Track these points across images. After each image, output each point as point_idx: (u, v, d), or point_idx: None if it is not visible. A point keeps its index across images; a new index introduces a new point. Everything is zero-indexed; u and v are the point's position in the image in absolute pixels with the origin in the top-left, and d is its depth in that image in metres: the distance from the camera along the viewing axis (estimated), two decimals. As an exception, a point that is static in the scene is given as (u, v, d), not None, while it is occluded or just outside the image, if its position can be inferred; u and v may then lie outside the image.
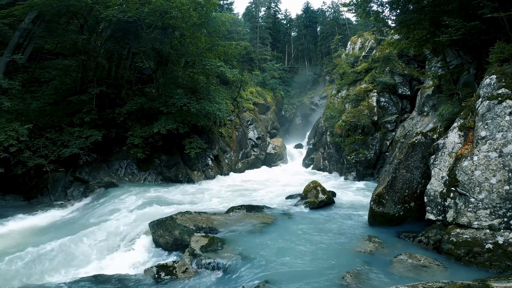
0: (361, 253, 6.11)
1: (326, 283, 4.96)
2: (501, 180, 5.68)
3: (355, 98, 18.81)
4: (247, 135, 23.25)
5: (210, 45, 17.75)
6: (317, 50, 45.14)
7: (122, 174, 14.23)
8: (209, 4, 15.75)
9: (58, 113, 13.36)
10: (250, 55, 33.43)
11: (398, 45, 12.82)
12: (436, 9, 9.54)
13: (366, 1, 11.56)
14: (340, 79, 22.79)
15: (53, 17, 13.55)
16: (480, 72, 9.15)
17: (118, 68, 16.09)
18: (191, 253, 6.25)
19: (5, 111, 11.31)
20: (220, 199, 11.81)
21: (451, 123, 7.98)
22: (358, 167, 16.51)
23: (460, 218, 6.05)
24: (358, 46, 24.87)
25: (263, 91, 30.85)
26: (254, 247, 6.52)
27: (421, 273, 5.20)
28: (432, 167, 7.01)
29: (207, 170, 16.73)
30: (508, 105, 5.97)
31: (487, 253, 5.37)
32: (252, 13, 43.35)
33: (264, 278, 5.15)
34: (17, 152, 10.74)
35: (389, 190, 7.67)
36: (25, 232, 8.26)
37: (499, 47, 7.04)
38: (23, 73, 13.91)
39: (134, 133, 14.15)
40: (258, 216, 8.75)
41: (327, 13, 48.12)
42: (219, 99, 17.27)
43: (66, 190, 12.42)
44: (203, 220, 7.98)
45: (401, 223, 7.63)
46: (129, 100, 15.12)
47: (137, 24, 14.21)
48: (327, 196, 10.39)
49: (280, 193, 12.90)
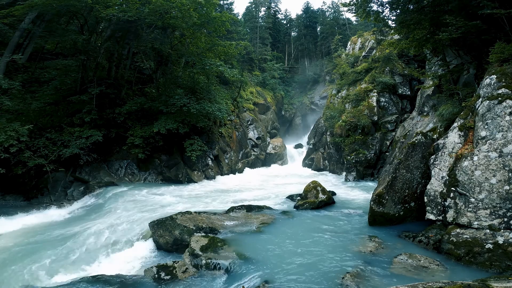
0: (361, 253, 6.11)
1: (326, 283, 4.96)
2: (501, 180, 5.68)
3: (355, 98, 18.81)
4: (247, 135, 23.25)
5: (210, 45, 17.75)
6: (317, 50, 45.16)
7: (122, 174, 14.23)
8: (209, 4, 15.77)
9: (58, 113, 13.37)
10: (250, 55, 33.45)
11: (398, 45, 12.82)
12: (436, 9, 9.54)
13: (366, 1, 11.55)
14: (340, 79, 22.80)
15: (53, 17, 13.56)
16: (480, 72, 9.15)
17: (118, 68, 16.09)
18: (191, 253, 6.24)
19: (5, 111, 11.32)
20: (220, 199, 11.80)
21: (451, 123, 7.98)
22: (358, 167, 16.51)
23: (460, 218, 6.05)
24: (358, 46, 24.87)
25: (263, 91, 30.86)
26: (254, 247, 6.51)
27: (421, 273, 5.20)
28: (432, 167, 7.01)
29: (207, 170, 16.73)
30: (508, 105, 5.97)
31: (487, 253, 5.37)
32: (252, 13, 43.38)
33: (264, 278, 5.15)
34: (17, 152, 10.75)
35: (389, 190, 7.66)
36: (24, 232, 8.26)
37: (499, 47, 7.04)
38: (23, 73, 13.93)
39: (134, 133, 14.16)
40: (258, 216, 8.75)
41: (327, 13, 48.14)
42: (219, 99, 17.28)
43: (66, 190, 12.42)
44: (203, 220, 7.97)
45: (401, 223, 7.62)
46: (129, 100, 15.13)
47: (137, 24, 14.22)
48: (327, 196, 10.39)
49: (280, 193, 12.90)
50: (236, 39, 28.13)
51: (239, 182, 16.35)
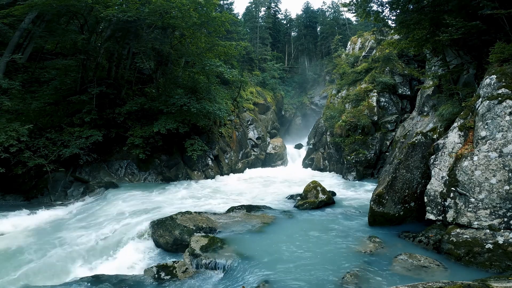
0: (361, 253, 6.11)
1: (326, 283, 4.96)
2: (501, 180, 5.68)
3: (355, 98, 18.81)
4: (247, 135, 23.25)
5: (210, 45, 17.74)
6: (317, 50, 45.17)
7: (122, 174, 14.23)
8: (209, 4, 15.76)
9: (58, 113, 13.37)
10: (250, 55, 33.45)
11: (398, 45, 12.81)
12: (436, 9, 9.54)
13: (366, 1, 11.54)
14: (340, 79, 22.80)
15: (53, 17, 13.56)
16: (480, 72, 9.15)
17: (118, 68, 16.09)
18: (191, 253, 6.24)
19: (5, 111, 11.32)
20: (220, 199, 11.81)
21: (451, 123, 7.98)
22: (358, 167, 16.51)
23: (460, 218, 6.05)
24: (358, 46, 24.87)
25: (263, 91, 30.84)
26: (254, 247, 6.51)
27: (421, 273, 5.20)
28: (432, 167, 7.01)
29: (207, 170, 16.73)
30: (508, 105, 5.97)
31: (487, 253, 5.37)
32: (252, 13, 43.38)
33: (264, 278, 5.15)
34: (17, 152, 10.75)
35: (389, 190, 7.67)
36: (24, 232, 8.25)
37: (499, 47, 7.04)
38: (23, 73, 13.92)
39: (134, 133, 14.15)
40: (258, 216, 8.75)
41: (327, 13, 48.14)
42: (219, 99, 17.27)
43: (66, 190, 12.42)
44: (203, 220, 7.98)
45: (401, 223, 7.63)
46: (129, 100, 15.12)
47: (137, 24, 14.21)
48: (327, 196, 10.39)
49: (280, 193, 12.90)
50: (236, 39, 28.14)
51: (239, 182, 16.35)
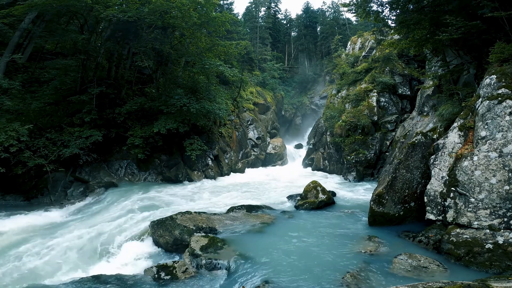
0: (361, 253, 6.11)
1: (326, 283, 4.96)
2: (501, 180, 5.68)
3: (355, 98, 18.81)
4: (247, 135, 23.25)
5: (210, 45, 17.75)
6: (317, 50, 45.18)
7: (122, 174, 14.23)
8: (209, 4, 15.76)
9: (58, 113, 13.36)
10: (250, 55, 33.44)
11: (398, 45, 12.82)
12: (436, 9, 9.54)
13: (366, 1, 11.55)
14: (340, 79, 22.80)
15: (53, 17, 13.56)
16: (480, 72, 9.15)
17: (118, 68, 16.08)
18: (191, 253, 6.24)
19: (5, 111, 11.31)
20: (220, 199, 11.81)
21: (451, 123, 7.98)
22: (358, 167, 16.51)
23: (460, 218, 6.05)
24: (358, 46, 24.87)
25: (263, 91, 30.84)
26: (254, 247, 6.51)
27: (421, 273, 5.20)
28: (432, 167, 7.01)
29: (207, 170, 16.73)
30: (508, 105, 5.97)
31: (487, 253, 5.37)
32: (252, 13, 43.39)
33: (264, 278, 5.15)
34: (17, 152, 10.74)
35: (389, 190, 7.67)
36: (24, 232, 8.25)
37: (499, 47, 7.04)
38: (23, 73, 13.91)
39: (134, 133, 14.15)
40: (258, 216, 8.75)
41: (327, 13, 48.20)
42: (219, 99, 17.26)
43: (66, 190, 12.41)
44: (203, 220, 7.97)
45: (401, 223, 7.63)
46: (129, 100, 15.12)
47: (137, 24, 14.20)
48: (327, 196, 10.39)
49: (280, 193, 12.90)
50: (236, 39, 28.13)
51: (239, 182, 16.34)
